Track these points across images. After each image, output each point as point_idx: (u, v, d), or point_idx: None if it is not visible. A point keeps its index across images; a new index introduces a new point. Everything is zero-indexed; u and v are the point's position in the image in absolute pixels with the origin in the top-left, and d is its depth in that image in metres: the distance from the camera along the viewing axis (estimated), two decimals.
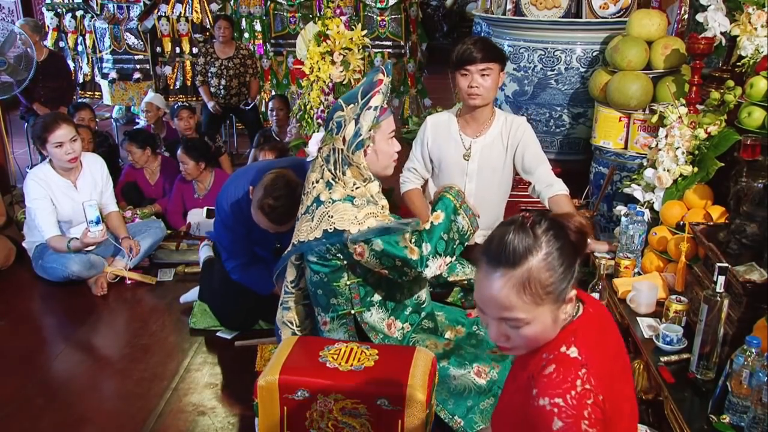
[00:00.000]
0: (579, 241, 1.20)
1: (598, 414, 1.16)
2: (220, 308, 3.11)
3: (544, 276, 1.16)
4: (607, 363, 1.23)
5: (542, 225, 1.18)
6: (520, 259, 1.16)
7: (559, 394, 1.16)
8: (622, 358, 1.32)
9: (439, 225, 2.03)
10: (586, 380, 1.17)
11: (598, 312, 1.29)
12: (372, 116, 1.96)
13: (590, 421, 1.15)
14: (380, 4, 5.82)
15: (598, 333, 1.26)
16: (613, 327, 1.33)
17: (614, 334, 1.32)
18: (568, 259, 1.18)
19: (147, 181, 4.48)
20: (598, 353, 1.22)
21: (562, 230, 1.19)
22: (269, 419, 1.86)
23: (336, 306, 2.07)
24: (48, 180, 3.51)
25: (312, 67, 3.66)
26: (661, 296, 2.18)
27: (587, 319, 1.26)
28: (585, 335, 1.23)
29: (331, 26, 3.59)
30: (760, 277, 1.81)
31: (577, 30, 3.40)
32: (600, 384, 1.18)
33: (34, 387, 2.72)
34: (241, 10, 6.13)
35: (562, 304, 1.20)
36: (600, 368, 1.20)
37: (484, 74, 2.57)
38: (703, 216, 2.27)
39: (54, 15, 6.64)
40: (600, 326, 1.28)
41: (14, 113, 5.75)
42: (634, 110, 3.01)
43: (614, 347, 1.29)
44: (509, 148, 2.73)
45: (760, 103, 2.25)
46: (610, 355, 1.26)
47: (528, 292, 1.16)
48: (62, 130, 3.42)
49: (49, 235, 3.45)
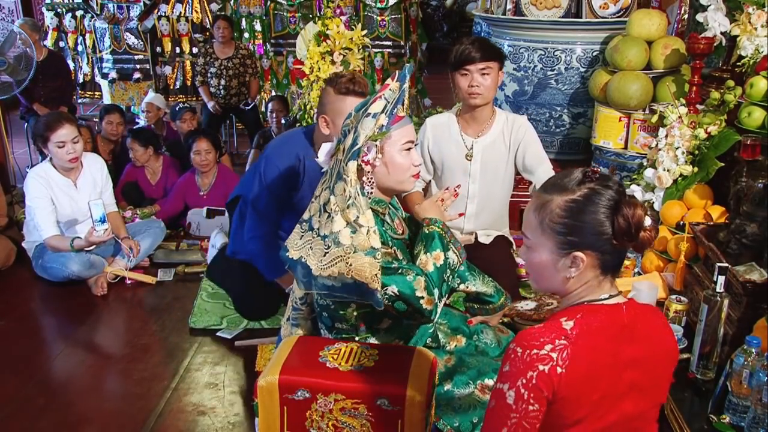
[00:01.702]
0: (621, 225, 1.22)
1: (542, 385, 1.18)
2: (243, 295, 3.12)
3: (556, 212, 1.25)
4: (604, 363, 1.22)
5: (592, 181, 1.24)
6: (553, 191, 1.27)
7: (524, 344, 1.21)
8: (642, 378, 1.26)
9: (441, 266, 1.88)
10: (558, 350, 1.19)
11: (634, 318, 1.27)
12: (370, 123, 1.80)
13: (529, 384, 1.18)
14: (380, 4, 5.82)
15: (615, 331, 1.25)
16: (649, 345, 1.28)
17: (645, 350, 1.27)
18: (590, 222, 1.23)
19: (148, 180, 4.48)
20: (595, 344, 1.22)
21: (601, 197, 1.23)
22: (269, 419, 1.86)
23: (340, 329, 2.01)
24: (48, 179, 3.51)
25: (312, 67, 3.66)
26: (661, 296, 2.18)
27: (611, 312, 1.26)
28: (592, 321, 1.24)
29: (331, 26, 3.60)
30: (760, 277, 1.81)
31: (577, 30, 3.40)
32: (574, 368, 1.19)
33: (34, 387, 2.72)
34: (241, 10, 6.13)
35: (564, 257, 1.26)
36: (588, 357, 1.21)
37: (484, 73, 2.57)
38: (703, 216, 2.27)
39: (54, 15, 6.65)
40: (626, 330, 1.26)
41: (14, 113, 5.75)
42: (634, 110, 3.02)
43: (630, 360, 1.25)
44: (511, 147, 2.73)
45: (760, 103, 2.25)
46: (618, 361, 1.24)
47: (539, 216, 1.27)
48: (65, 130, 3.43)
49: (48, 234, 3.45)
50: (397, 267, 1.80)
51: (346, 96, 2.57)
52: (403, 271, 1.79)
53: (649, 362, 1.28)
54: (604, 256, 1.25)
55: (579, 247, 1.24)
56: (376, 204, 1.92)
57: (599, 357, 1.23)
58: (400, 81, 1.87)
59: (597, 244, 1.24)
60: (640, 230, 1.23)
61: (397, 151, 1.87)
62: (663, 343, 1.31)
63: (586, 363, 1.21)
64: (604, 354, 1.23)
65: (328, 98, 2.62)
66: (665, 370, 1.32)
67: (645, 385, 1.27)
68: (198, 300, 3.33)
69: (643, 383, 1.27)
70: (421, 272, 1.82)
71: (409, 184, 1.94)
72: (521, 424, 1.21)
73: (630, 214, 1.22)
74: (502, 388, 1.22)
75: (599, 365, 1.22)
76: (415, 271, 1.81)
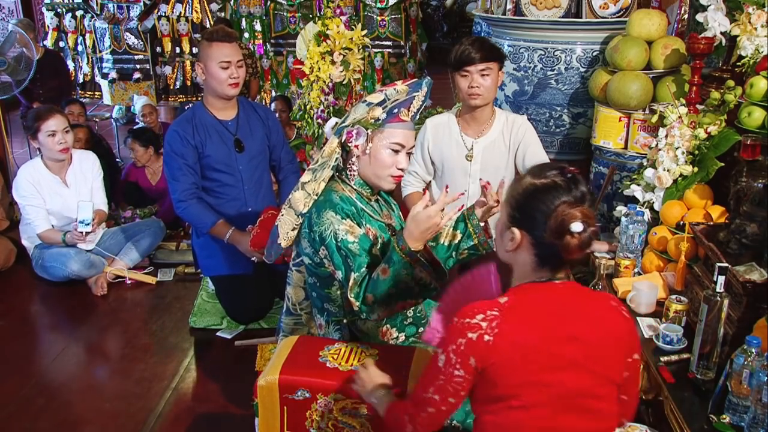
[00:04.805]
0: (553, 220, 1.29)
1: (470, 352, 1.28)
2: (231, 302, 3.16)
3: (518, 189, 1.37)
4: (537, 336, 1.29)
5: (562, 177, 1.32)
6: (530, 172, 1.38)
7: (460, 315, 1.32)
8: (585, 355, 1.31)
9: (385, 280, 1.79)
10: (488, 320, 1.28)
11: (575, 298, 1.35)
12: (362, 110, 1.90)
13: (458, 350, 1.29)
14: (380, 4, 5.82)
15: (551, 307, 1.33)
16: (593, 325, 1.33)
17: (588, 329, 1.32)
18: (534, 206, 1.32)
19: (148, 181, 4.48)
20: (527, 316, 1.31)
21: (555, 191, 1.30)
22: (269, 419, 1.86)
23: (330, 311, 2.04)
24: (38, 177, 3.53)
25: (312, 67, 3.66)
26: (661, 296, 2.18)
27: (546, 289, 1.35)
28: (525, 297, 1.34)
29: (331, 26, 3.59)
30: (760, 277, 1.81)
31: (577, 30, 3.40)
32: (503, 337, 1.27)
33: (34, 387, 2.72)
34: (241, 10, 6.12)
35: (508, 229, 1.38)
36: (517, 328, 1.29)
37: (484, 74, 2.57)
38: (703, 216, 2.27)
39: (54, 15, 6.64)
40: (565, 308, 1.33)
41: (14, 113, 5.75)
42: (634, 110, 3.01)
43: (570, 336, 1.30)
44: (511, 147, 2.73)
45: (760, 103, 2.25)
46: (554, 335, 1.30)
47: (510, 187, 1.41)
48: (55, 120, 3.46)
49: (41, 229, 3.50)
50: (355, 254, 1.84)
51: (211, 42, 2.93)
52: (351, 264, 1.84)
53: (594, 341, 1.32)
54: (539, 244, 1.33)
55: (519, 225, 1.35)
56: (360, 186, 1.99)
57: (530, 329, 1.29)
58: (411, 87, 1.92)
59: (533, 229, 1.32)
60: (565, 232, 1.27)
61: (384, 146, 1.91)
62: (610, 325, 1.36)
63: (515, 334, 1.28)
64: (536, 327, 1.30)
65: (200, 49, 3.02)
66: (615, 351, 1.35)
67: (589, 362, 1.31)
68: (198, 300, 3.33)
69: (587, 361, 1.31)
70: (362, 273, 1.84)
71: (386, 184, 1.97)
72: (446, 387, 1.32)
73: (564, 214, 1.27)
74: (437, 352, 1.35)
75: (530, 337, 1.29)
76: (358, 270, 1.84)
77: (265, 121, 3.18)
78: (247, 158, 3.08)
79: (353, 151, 1.95)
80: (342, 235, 1.87)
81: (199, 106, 3.08)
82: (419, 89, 1.93)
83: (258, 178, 3.14)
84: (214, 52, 2.91)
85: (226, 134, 3.04)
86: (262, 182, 3.17)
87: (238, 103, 3.11)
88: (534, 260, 1.35)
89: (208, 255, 3.13)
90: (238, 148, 3.05)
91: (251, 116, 3.13)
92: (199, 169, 3.02)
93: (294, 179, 3.24)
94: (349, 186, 1.99)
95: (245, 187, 3.09)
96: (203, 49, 2.96)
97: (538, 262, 1.34)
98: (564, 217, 1.27)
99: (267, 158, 3.20)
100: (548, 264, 1.34)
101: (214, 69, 2.92)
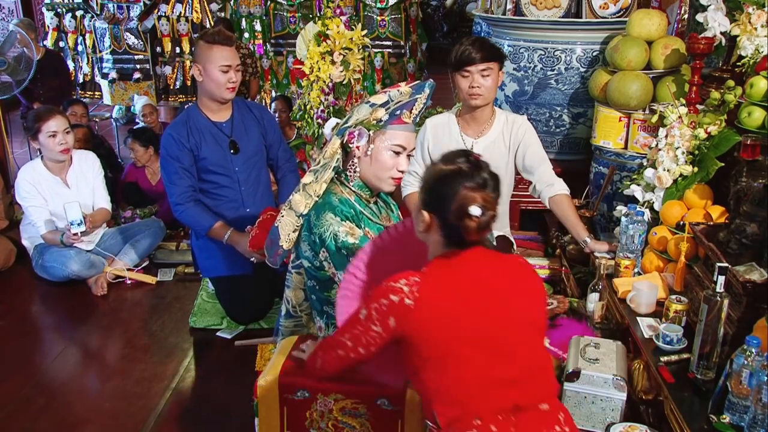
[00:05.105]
0: (455, 203, 1.41)
1: (390, 312, 1.42)
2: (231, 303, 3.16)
3: (430, 175, 1.49)
4: (460, 295, 1.42)
5: (468, 163, 1.44)
6: (442, 158, 1.50)
7: (386, 280, 1.45)
8: (503, 302, 1.44)
9: None
10: (410, 285, 1.42)
11: (489, 261, 1.48)
12: (365, 110, 1.91)
13: (380, 308, 1.43)
14: (380, 4, 5.82)
15: (468, 269, 1.46)
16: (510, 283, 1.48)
17: (498, 278, 1.47)
18: (441, 190, 1.44)
19: (148, 181, 4.48)
20: (446, 280, 1.44)
21: (461, 177, 1.42)
22: (269, 419, 1.86)
23: (330, 314, 2.04)
24: (39, 178, 3.53)
25: (312, 67, 3.66)
26: (661, 296, 2.18)
27: (459, 257, 1.46)
28: (442, 265, 1.47)
29: (331, 26, 3.60)
30: (760, 277, 1.81)
31: (577, 30, 3.40)
32: (423, 301, 1.40)
33: (34, 387, 2.72)
34: (241, 10, 6.13)
35: (420, 212, 1.50)
36: (438, 292, 1.42)
37: (485, 74, 2.57)
38: (703, 216, 2.27)
39: (54, 15, 6.63)
40: (478, 266, 1.47)
41: (14, 113, 5.75)
42: (634, 110, 3.01)
43: (487, 287, 1.44)
44: (511, 147, 2.73)
45: (760, 103, 2.25)
46: (474, 292, 1.43)
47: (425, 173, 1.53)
48: (55, 120, 3.46)
49: (44, 230, 3.51)
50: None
51: (212, 45, 2.90)
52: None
53: (510, 294, 1.47)
54: (445, 226, 1.45)
55: (428, 208, 1.48)
56: (359, 189, 2.00)
57: (449, 290, 1.42)
58: (414, 89, 1.93)
59: (440, 211, 1.45)
60: (464, 215, 1.39)
61: (385, 148, 1.93)
62: (523, 279, 1.52)
63: (435, 296, 1.41)
64: (454, 287, 1.43)
65: (198, 50, 2.95)
66: (532, 300, 1.50)
67: (510, 312, 1.45)
68: (198, 300, 3.33)
69: (508, 311, 1.45)
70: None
71: (386, 185, 1.98)
72: (360, 337, 1.47)
73: (465, 198, 1.40)
74: (360, 308, 1.50)
75: (449, 297, 1.42)
76: None
77: (261, 120, 3.18)
78: (242, 159, 3.07)
79: (354, 152, 1.96)
80: (342, 237, 1.87)
81: (193, 109, 3.07)
82: (422, 91, 1.94)
83: (255, 178, 3.14)
84: (215, 56, 2.90)
85: (221, 136, 3.04)
86: (259, 182, 3.17)
87: (232, 104, 3.11)
88: (442, 240, 1.47)
89: (207, 256, 3.12)
90: (234, 149, 3.04)
91: (246, 116, 3.13)
92: (195, 172, 3.01)
93: (292, 178, 3.23)
94: (348, 188, 1.99)
95: (242, 188, 3.09)
96: (202, 51, 2.93)
97: (446, 242, 1.47)
98: (464, 201, 1.39)
99: (264, 158, 3.20)
100: (455, 244, 1.46)
101: (214, 72, 2.91)
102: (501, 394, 1.40)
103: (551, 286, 2.83)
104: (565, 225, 2.68)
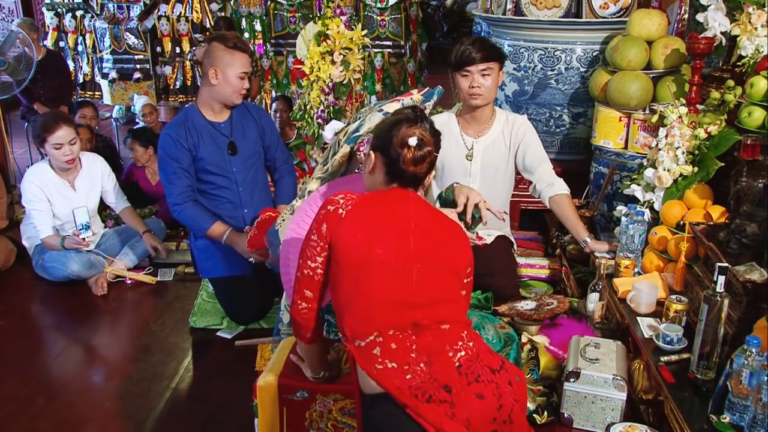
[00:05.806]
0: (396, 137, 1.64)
1: (324, 220, 1.61)
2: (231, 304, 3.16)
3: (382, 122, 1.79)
4: (383, 216, 1.61)
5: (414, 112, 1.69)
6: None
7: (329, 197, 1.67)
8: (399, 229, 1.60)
9: None
10: (345, 200, 1.62)
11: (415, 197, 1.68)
12: (378, 118, 1.93)
13: (317, 218, 1.63)
14: (380, 4, 5.81)
15: (396, 199, 1.65)
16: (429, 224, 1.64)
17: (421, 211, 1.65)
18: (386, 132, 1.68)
19: (148, 181, 4.48)
20: (377, 205, 1.64)
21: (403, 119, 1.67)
22: (269, 419, 1.86)
23: (330, 321, 2.06)
24: (46, 181, 3.53)
25: (312, 67, 3.67)
26: (661, 296, 2.17)
27: (393, 190, 1.68)
28: (378, 193, 1.69)
29: (331, 26, 3.60)
30: (760, 277, 1.81)
31: (577, 30, 3.39)
32: (353, 214, 1.60)
33: (34, 387, 2.72)
34: (241, 10, 6.12)
35: (368, 155, 1.71)
36: (366, 210, 1.62)
37: (485, 74, 2.57)
38: (703, 216, 2.27)
39: (54, 15, 6.63)
40: (406, 200, 1.66)
41: (14, 113, 5.75)
42: (634, 110, 3.01)
43: (386, 216, 1.62)
44: (511, 147, 2.73)
45: (760, 103, 2.25)
46: (396, 216, 1.62)
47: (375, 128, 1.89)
48: (62, 131, 3.44)
49: (44, 235, 3.50)
50: None
51: (234, 51, 2.96)
52: None
53: (433, 242, 1.62)
54: (388, 162, 1.65)
55: (376, 149, 1.69)
56: None
57: (375, 210, 1.62)
58: (425, 96, 1.94)
59: (385, 149, 1.65)
60: (404, 145, 1.61)
61: None
62: (442, 220, 1.69)
63: (364, 210, 1.60)
64: (380, 209, 1.62)
65: (217, 53, 2.95)
66: (451, 241, 1.65)
67: (430, 255, 1.60)
68: (198, 300, 3.34)
69: (425, 241, 1.61)
70: None
71: None
72: (304, 248, 1.66)
73: (406, 132, 1.63)
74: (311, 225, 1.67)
75: (374, 216, 1.60)
76: None
77: (259, 121, 3.18)
78: (240, 160, 3.07)
79: (360, 159, 1.96)
80: None
81: (191, 109, 3.07)
82: (431, 99, 1.95)
83: (252, 179, 3.14)
84: (236, 62, 2.93)
85: (220, 137, 3.04)
86: (257, 183, 3.17)
87: None
88: (385, 179, 1.67)
89: (206, 257, 3.12)
90: (232, 150, 3.04)
91: (244, 117, 3.13)
92: (193, 172, 3.01)
93: (290, 179, 3.23)
94: None
95: (240, 188, 3.09)
96: (222, 55, 2.93)
97: (388, 179, 1.67)
98: (404, 135, 1.62)
99: (262, 159, 3.20)
100: (395, 179, 1.66)
101: (232, 78, 2.93)
102: (402, 313, 1.54)
103: (551, 286, 2.83)
104: (565, 225, 2.68)
